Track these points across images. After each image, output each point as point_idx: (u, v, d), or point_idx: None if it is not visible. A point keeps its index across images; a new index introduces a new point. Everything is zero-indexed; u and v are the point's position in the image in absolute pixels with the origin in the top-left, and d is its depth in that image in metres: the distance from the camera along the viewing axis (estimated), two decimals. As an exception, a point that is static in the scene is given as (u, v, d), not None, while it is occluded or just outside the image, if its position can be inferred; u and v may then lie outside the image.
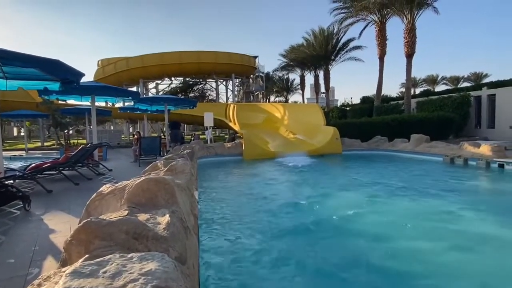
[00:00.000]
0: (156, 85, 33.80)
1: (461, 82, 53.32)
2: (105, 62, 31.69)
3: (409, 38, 17.08)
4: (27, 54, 5.35)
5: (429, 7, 16.87)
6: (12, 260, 2.75)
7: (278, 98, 51.94)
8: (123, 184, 2.46)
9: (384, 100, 24.03)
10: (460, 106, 15.12)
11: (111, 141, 20.07)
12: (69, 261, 1.52)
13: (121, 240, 1.49)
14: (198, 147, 10.10)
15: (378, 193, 5.48)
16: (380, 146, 11.20)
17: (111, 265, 1.07)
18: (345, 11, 20.88)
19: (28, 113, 18.10)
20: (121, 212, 1.95)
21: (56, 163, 7.22)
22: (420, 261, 2.83)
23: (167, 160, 4.69)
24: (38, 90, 7.62)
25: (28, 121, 25.72)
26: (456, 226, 3.78)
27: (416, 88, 52.33)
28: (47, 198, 5.23)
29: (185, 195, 2.76)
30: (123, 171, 8.65)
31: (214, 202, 4.94)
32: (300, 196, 5.53)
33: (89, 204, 2.48)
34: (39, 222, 3.90)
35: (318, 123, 12.68)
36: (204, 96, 35.08)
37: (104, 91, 9.75)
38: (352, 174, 7.71)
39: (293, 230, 3.73)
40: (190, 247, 1.93)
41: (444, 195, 5.11)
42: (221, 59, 27.93)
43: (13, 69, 6.30)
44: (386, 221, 4.00)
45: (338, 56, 28.09)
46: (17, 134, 47.70)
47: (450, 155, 8.19)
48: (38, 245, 3.10)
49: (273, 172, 8.20)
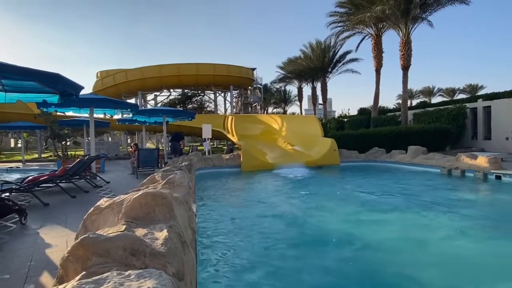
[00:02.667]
0: (155, 96, 33.99)
1: (457, 94, 54.05)
2: (104, 74, 31.95)
3: (404, 51, 17.35)
4: (26, 68, 5.39)
5: (423, 21, 17.23)
6: (7, 276, 2.71)
7: (276, 109, 52.29)
8: (121, 198, 2.46)
9: (381, 112, 24.20)
10: (456, 118, 15.25)
11: (109, 153, 20.02)
12: (65, 278, 1.51)
13: (118, 257, 1.49)
14: (196, 159, 10.10)
15: (377, 205, 5.48)
16: (377, 158, 11.24)
17: (109, 284, 1.07)
18: (341, 24, 21.26)
19: (26, 125, 18.07)
20: (119, 227, 1.94)
21: (53, 175, 7.19)
22: (420, 275, 2.82)
23: (165, 172, 4.70)
24: (36, 102, 7.65)
25: (26, 133, 25.64)
26: (457, 238, 3.78)
27: (413, 99, 52.91)
28: (44, 212, 5.19)
29: (183, 209, 2.76)
30: (121, 184, 8.61)
31: (212, 215, 4.91)
32: (298, 207, 5.51)
33: (86, 218, 2.48)
34: (35, 236, 3.86)
35: (316, 134, 12.74)
36: (203, 107, 35.27)
37: (102, 103, 9.80)
38: (350, 185, 7.72)
39: (292, 242, 3.72)
40: (188, 262, 1.92)
41: (443, 207, 5.11)
42: (220, 71, 28.23)
43: (12, 82, 6.33)
44: (386, 234, 3.99)
45: (335, 68, 28.49)
46: (14, 146, 47.53)
47: (447, 167, 8.23)
48: (34, 260, 3.07)
49: (272, 184, 8.20)
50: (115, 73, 29.68)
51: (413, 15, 16.67)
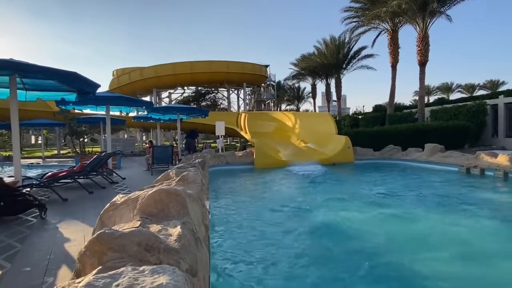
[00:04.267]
0: (169, 94, 34.41)
1: (476, 90, 52.38)
2: (120, 72, 32.53)
3: (422, 46, 16.93)
4: (46, 67, 5.56)
5: (441, 15, 16.74)
6: (28, 269, 2.81)
7: (289, 106, 52.00)
8: (136, 194, 2.51)
9: (397, 109, 23.76)
10: (475, 115, 14.78)
11: (125, 150, 20.44)
12: (83, 272, 1.55)
13: (133, 252, 1.52)
14: (210, 156, 10.18)
15: (395, 203, 5.37)
16: (393, 156, 11.03)
17: (124, 278, 1.10)
18: (356, 20, 20.94)
19: (45, 122, 18.67)
20: (134, 223, 1.98)
21: (71, 171, 7.38)
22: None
23: (179, 169, 4.74)
24: (55, 100, 7.88)
25: (46, 130, 26.44)
26: (479, 239, 3.68)
27: (430, 96, 51.69)
28: (62, 207, 5.35)
29: (196, 206, 2.79)
30: (136, 180, 8.77)
31: (225, 212, 4.94)
32: (312, 205, 5.47)
33: (103, 214, 2.53)
34: (54, 230, 3.98)
35: (330, 132, 12.60)
36: (216, 105, 35.43)
37: (118, 101, 9.99)
38: (366, 183, 7.59)
39: (307, 240, 3.70)
40: (201, 258, 1.94)
41: (462, 207, 4.98)
42: (233, 69, 28.30)
43: (32, 81, 6.55)
44: (406, 234, 3.90)
45: (349, 65, 28.09)
46: (35, 142, 49.10)
47: (465, 165, 7.99)
48: (53, 253, 3.17)
49: (284, 181, 8.17)
50: (131, 71, 30.17)
51: (431, 9, 16.23)
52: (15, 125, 6.09)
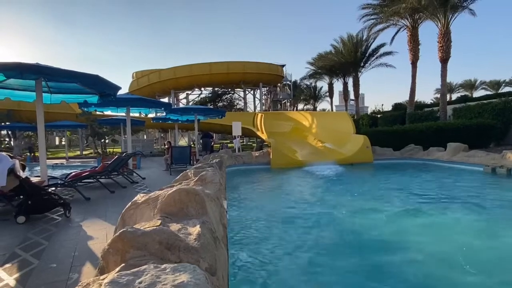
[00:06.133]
0: (187, 95, 34.86)
1: (502, 87, 50.17)
2: (139, 74, 33.26)
3: (443, 42, 16.41)
4: (69, 70, 5.75)
5: (464, 9, 16.17)
6: (54, 265, 2.92)
7: (306, 106, 51.58)
8: (156, 194, 2.55)
9: (417, 107, 23.12)
10: (501, 113, 14.17)
11: (144, 150, 20.87)
12: (106, 269, 1.60)
13: (154, 250, 1.55)
14: (227, 156, 10.24)
15: (418, 205, 5.19)
16: (413, 155, 10.75)
17: (146, 276, 1.12)
18: (374, 17, 20.55)
19: (69, 124, 19.32)
20: (154, 222, 2.02)
21: (94, 172, 7.61)
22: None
23: (197, 169, 4.80)
24: (78, 103, 8.14)
25: (69, 131, 27.38)
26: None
27: (452, 93, 49.98)
28: (86, 205, 5.52)
29: (214, 205, 2.81)
30: (156, 180, 8.94)
31: (243, 211, 4.96)
32: (331, 206, 5.41)
33: (124, 213, 2.60)
34: (78, 228, 4.12)
35: (348, 131, 12.42)
36: (233, 105, 35.64)
37: (138, 103, 10.20)
38: (387, 184, 7.44)
39: (326, 241, 3.66)
40: (220, 257, 1.95)
41: (490, 208, 4.79)
42: (249, 69, 28.37)
43: (56, 84, 6.78)
44: (432, 237, 3.72)
45: (368, 63, 27.55)
46: (59, 143, 50.86)
47: (491, 165, 7.69)
48: (77, 251, 3.27)
49: (301, 181, 8.12)
50: (150, 73, 30.81)
51: (452, 4, 15.70)
52: (41, 127, 6.34)
